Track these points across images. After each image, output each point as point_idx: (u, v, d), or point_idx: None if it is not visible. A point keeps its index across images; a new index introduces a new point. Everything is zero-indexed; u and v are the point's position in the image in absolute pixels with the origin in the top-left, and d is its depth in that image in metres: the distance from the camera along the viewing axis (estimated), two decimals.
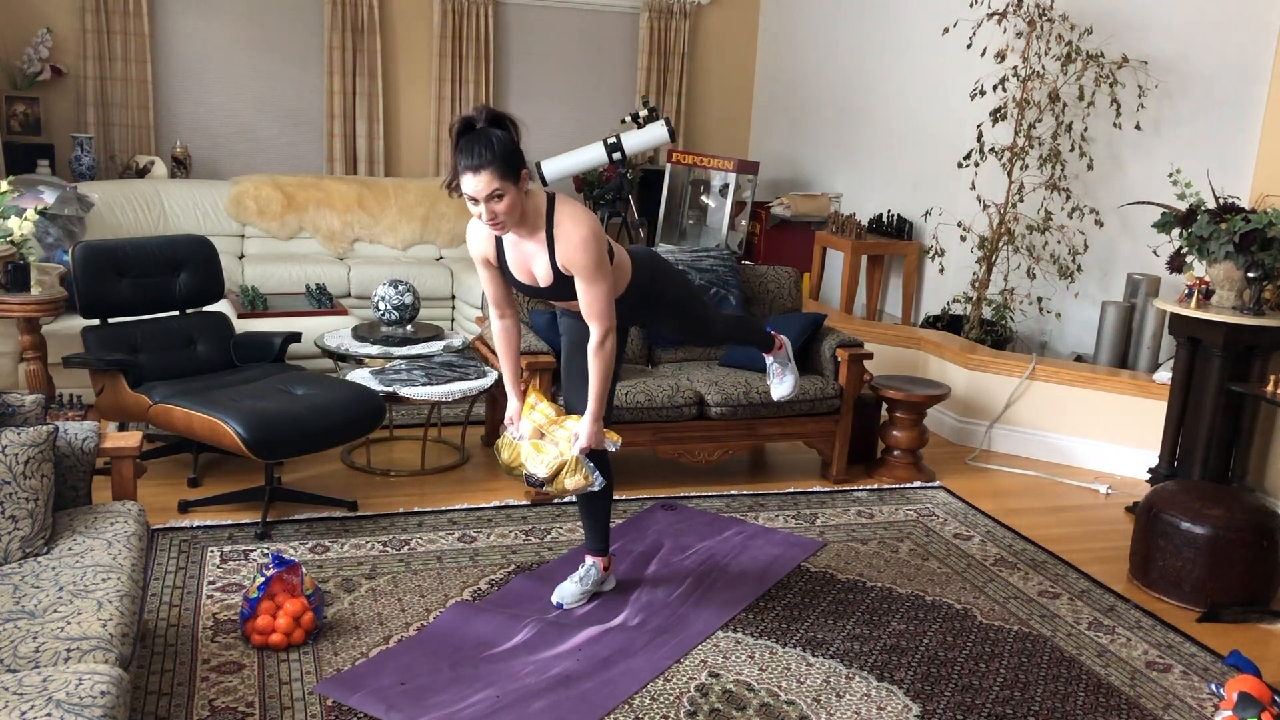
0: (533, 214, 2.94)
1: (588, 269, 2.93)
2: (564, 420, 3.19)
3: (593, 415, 3.11)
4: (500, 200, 2.82)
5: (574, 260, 2.92)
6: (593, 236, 2.92)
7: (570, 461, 3.11)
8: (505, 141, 2.81)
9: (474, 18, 7.47)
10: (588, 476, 3.12)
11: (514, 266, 3.07)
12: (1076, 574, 3.93)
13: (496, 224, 2.87)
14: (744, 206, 7.25)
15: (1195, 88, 5.49)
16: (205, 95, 7.09)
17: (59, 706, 1.95)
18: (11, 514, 2.63)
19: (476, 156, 2.77)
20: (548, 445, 3.16)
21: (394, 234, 6.80)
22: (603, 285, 2.96)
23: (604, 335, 3.01)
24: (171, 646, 3.07)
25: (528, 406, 3.25)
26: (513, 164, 2.81)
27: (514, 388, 3.29)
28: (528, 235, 2.97)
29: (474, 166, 2.78)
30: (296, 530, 3.90)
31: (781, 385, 3.75)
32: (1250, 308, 4.29)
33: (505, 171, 2.79)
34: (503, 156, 2.78)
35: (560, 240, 2.93)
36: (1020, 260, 5.97)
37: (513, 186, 2.82)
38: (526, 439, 3.21)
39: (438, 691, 2.89)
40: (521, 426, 3.24)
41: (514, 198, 2.84)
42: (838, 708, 2.95)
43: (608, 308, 2.99)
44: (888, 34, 6.94)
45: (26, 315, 4.16)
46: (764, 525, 4.19)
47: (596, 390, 3.08)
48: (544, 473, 3.13)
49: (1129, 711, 3.02)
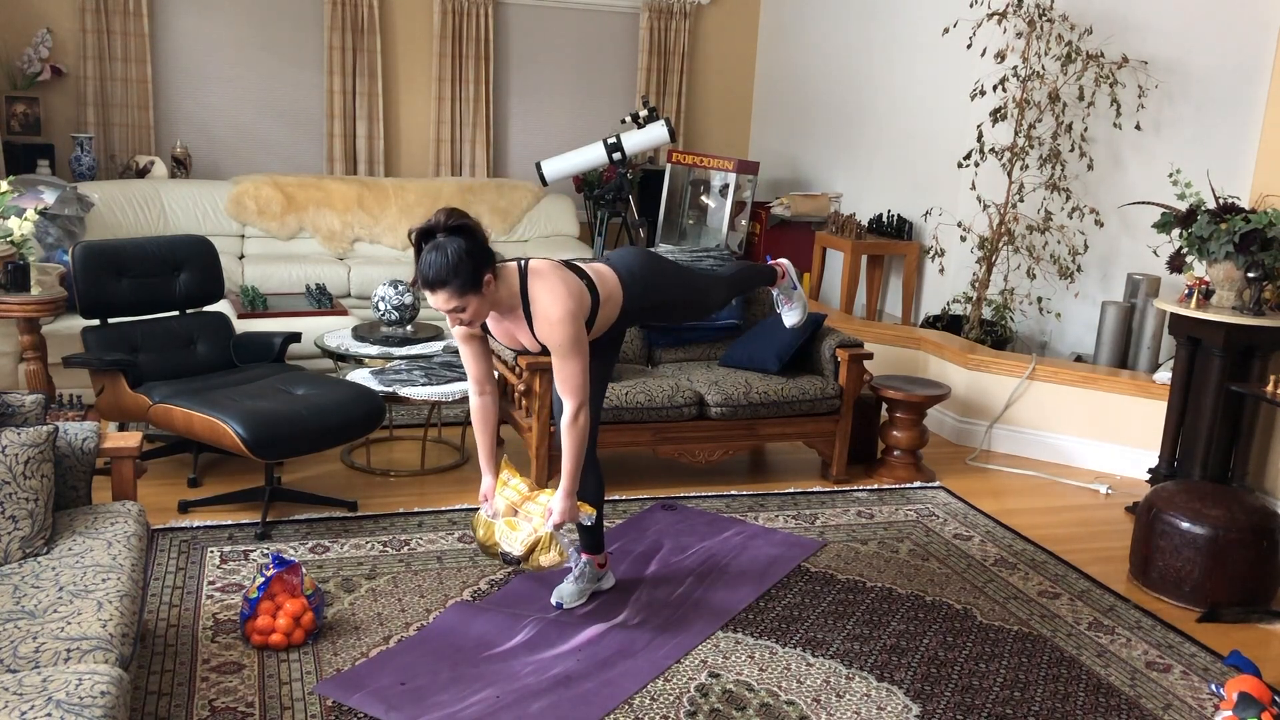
0: (507, 298, 2.93)
1: (561, 347, 2.93)
2: (537, 495, 3.17)
3: (565, 490, 3.07)
4: (463, 311, 2.84)
5: (548, 338, 2.94)
6: (567, 316, 2.90)
7: (544, 538, 3.08)
8: (463, 255, 2.77)
9: (474, 18, 7.47)
10: (562, 553, 3.09)
11: (500, 338, 3.09)
12: (1076, 574, 3.93)
13: (465, 325, 2.93)
14: (744, 206, 7.26)
15: (1195, 88, 5.49)
16: (205, 95, 7.09)
17: (59, 706, 1.95)
18: (11, 514, 2.63)
19: (434, 274, 2.76)
20: (521, 522, 3.13)
21: (394, 234, 6.80)
22: (577, 362, 2.94)
23: (576, 411, 2.99)
24: (171, 646, 3.07)
25: (500, 483, 3.22)
26: (472, 277, 2.79)
27: (488, 465, 3.26)
28: (507, 313, 2.98)
29: (430, 285, 2.79)
30: (296, 530, 3.90)
31: (791, 313, 3.77)
32: (1250, 308, 4.29)
33: (463, 287, 2.78)
34: (459, 273, 2.76)
35: (537, 318, 2.94)
36: (1020, 260, 5.97)
37: (474, 297, 2.82)
38: (500, 517, 3.18)
39: (438, 691, 2.89)
40: (495, 504, 3.20)
41: (477, 306, 2.84)
42: (838, 708, 2.95)
43: (581, 384, 2.97)
44: (888, 34, 6.94)
45: (26, 315, 4.16)
46: (764, 525, 4.19)
47: (569, 466, 3.05)
48: (518, 551, 3.09)
49: (1129, 711, 3.02)
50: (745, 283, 3.76)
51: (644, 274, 3.23)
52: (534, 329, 2.96)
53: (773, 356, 4.63)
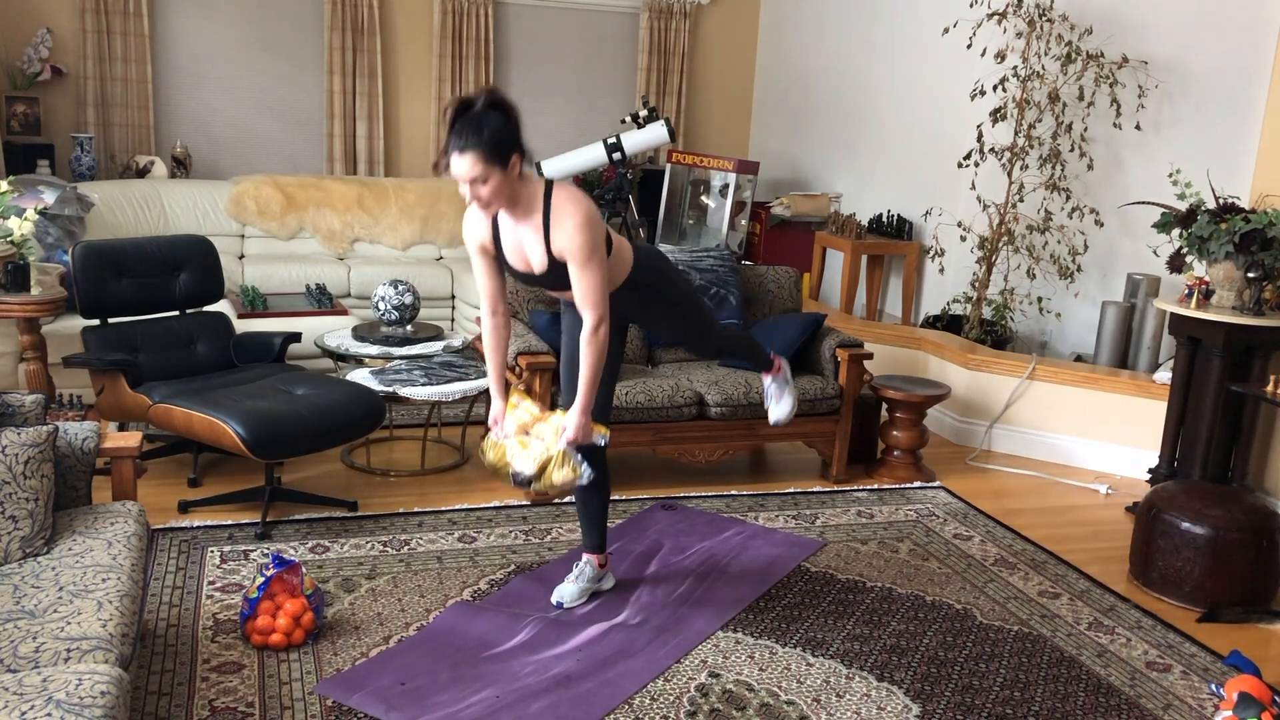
0: (528, 198, 2.92)
1: (581, 253, 2.90)
2: (548, 416, 3.13)
3: (581, 407, 3.05)
4: (484, 185, 2.81)
5: (568, 245, 2.90)
6: (588, 222, 2.89)
7: (556, 456, 3.04)
8: (497, 127, 2.78)
9: (474, 18, 7.47)
10: (575, 469, 3.05)
11: (510, 253, 3.05)
12: (1076, 574, 3.93)
13: (483, 206, 2.88)
14: (744, 206, 7.25)
15: (1195, 88, 5.49)
16: (205, 95, 7.09)
17: (59, 706, 1.95)
18: (11, 514, 2.63)
19: (463, 139, 2.77)
20: (533, 441, 3.09)
21: (394, 234, 6.80)
22: (596, 272, 2.93)
23: (596, 323, 2.97)
24: (171, 646, 3.07)
25: (510, 405, 3.20)
26: (501, 150, 2.79)
27: (498, 387, 3.24)
28: (523, 218, 2.95)
29: (459, 148, 2.77)
30: (296, 530, 3.90)
31: (779, 407, 3.70)
32: (1250, 308, 4.29)
33: (491, 157, 2.77)
34: (490, 142, 2.76)
35: (556, 225, 2.90)
36: (1020, 260, 5.97)
37: (498, 172, 2.80)
38: (511, 437, 3.14)
39: (438, 691, 2.89)
40: (506, 425, 3.18)
41: (499, 182, 2.82)
42: (838, 708, 2.95)
43: (601, 296, 2.96)
44: (888, 34, 6.94)
45: (26, 315, 4.16)
46: (764, 525, 4.19)
47: (587, 381, 3.03)
48: (530, 469, 3.05)
49: (1129, 711, 3.02)
50: (744, 348, 3.70)
51: (657, 260, 3.25)
52: (550, 239, 2.92)
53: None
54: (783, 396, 3.70)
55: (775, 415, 3.72)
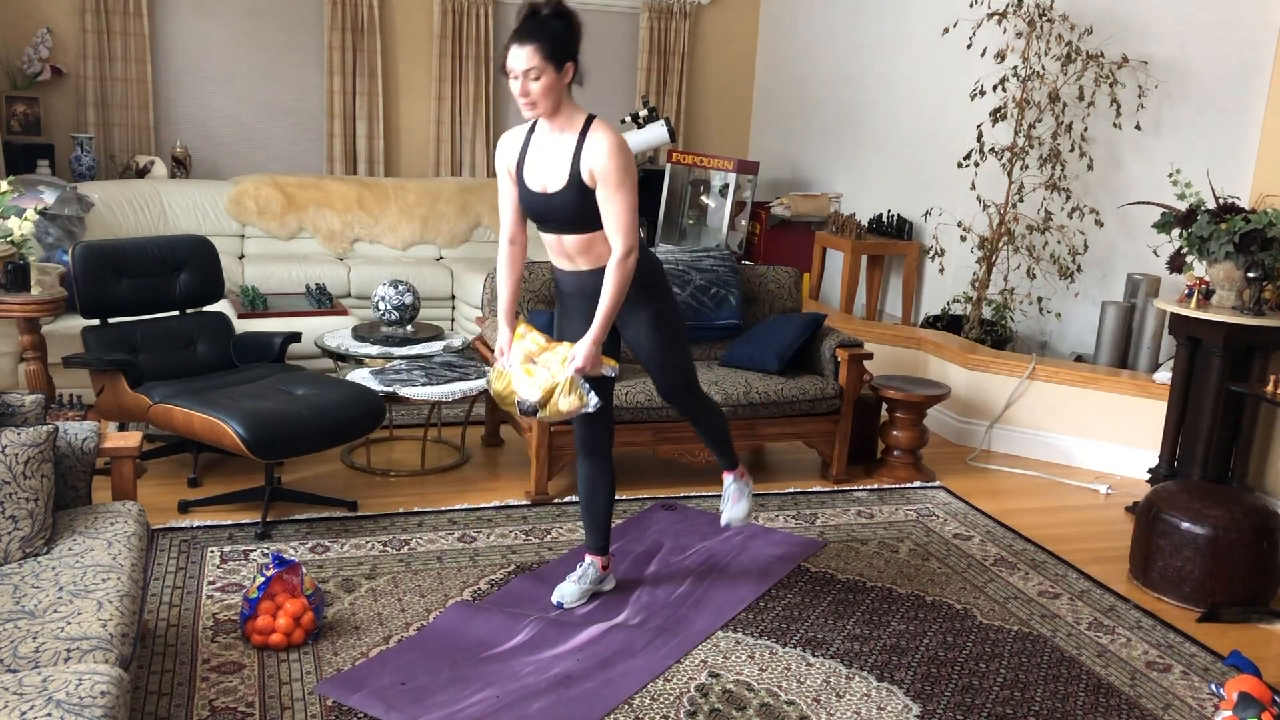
0: (569, 112, 3.02)
1: (615, 174, 2.96)
2: (555, 347, 3.09)
3: (593, 336, 3.03)
4: (537, 80, 2.91)
5: (602, 165, 2.95)
6: (622, 146, 2.98)
7: (564, 383, 3.00)
8: (559, 30, 2.92)
9: (474, 18, 7.47)
10: (582, 397, 3.00)
11: (531, 173, 3.08)
12: (1076, 574, 3.93)
13: (530, 102, 2.95)
14: (744, 206, 7.25)
15: (1195, 88, 5.49)
16: (205, 95, 7.09)
17: (59, 706, 1.95)
18: (11, 514, 2.63)
19: (525, 33, 2.89)
20: (539, 370, 3.06)
21: (394, 234, 6.80)
22: (629, 199, 2.99)
23: (626, 251, 3.01)
24: (171, 646, 3.07)
25: (517, 336, 3.17)
26: (559, 51, 2.91)
27: (507, 317, 3.23)
28: (559, 130, 3.03)
29: (520, 40, 2.89)
30: (296, 530, 3.90)
31: (734, 509, 3.54)
32: (1250, 308, 4.29)
33: (549, 53, 2.89)
34: (551, 39, 2.89)
35: (590, 145, 2.98)
36: (1020, 260, 5.97)
37: (553, 70, 2.91)
38: (517, 366, 3.10)
39: (438, 691, 2.89)
40: (512, 355, 3.15)
41: (551, 81, 2.92)
42: (838, 708, 2.95)
43: (632, 224, 3.00)
44: (888, 34, 6.94)
45: (26, 315, 4.16)
46: (764, 525, 4.19)
47: (605, 310, 3.02)
48: (536, 396, 3.01)
49: (1129, 711, 3.02)
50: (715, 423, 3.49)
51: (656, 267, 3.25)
52: (579, 159, 2.98)
53: (773, 356, 4.63)
54: (740, 500, 3.55)
55: (728, 517, 3.55)
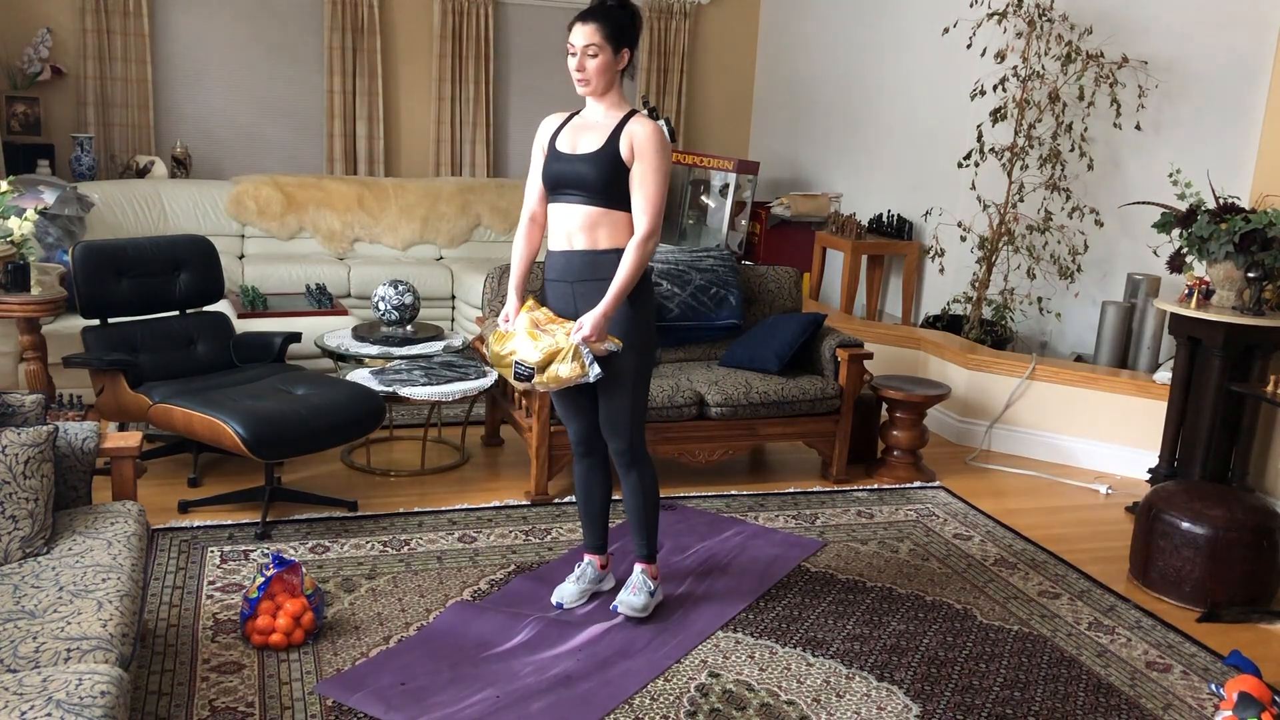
0: (616, 99, 3.11)
1: (654, 153, 3.02)
2: (564, 321, 3.07)
3: (604, 308, 3.01)
4: (594, 58, 3.02)
5: (643, 141, 3.03)
6: (659, 131, 3.05)
7: (567, 349, 2.96)
8: (622, 18, 3.05)
9: (474, 18, 7.47)
10: (584, 366, 2.95)
11: (564, 140, 3.14)
12: (1076, 574, 3.93)
13: (583, 78, 3.06)
14: (744, 206, 7.25)
15: (1195, 88, 5.49)
16: (205, 95, 7.09)
17: (59, 706, 1.95)
18: (11, 514, 2.63)
19: (590, 13, 3.04)
20: (543, 335, 3.03)
21: (394, 234, 6.81)
22: (661, 183, 3.04)
23: (649, 233, 3.04)
24: (171, 646, 3.07)
25: (526, 308, 3.15)
26: (619, 34, 3.03)
27: (517, 288, 3.23)
28: (604, 109, 3.11)
29: (584, 17, 3.04)
30: (296, 530, 3.90)
31: (632, 598, 3.32)
32: (1250, 308, 4.29)
33: (609, 34, 3.02)
34: (614, 22, 3.03)
35: (633, 123, 3.05)
36: (1020, 260, 5.97)
37: (610, 51, 3.03)
38: (523, 330, 3.06)
39: (438, 691, 2.89)
40: (517, 322, 3.13)
41: (606, 61, 3.03)
42: (838, 708, 2.95)
43: (660, 207, 3.05)
44: (888, 34, 6.94)
45: (26, 315, 4.16)
46: (764, 525, 4.19)
47: (618, 286, 3.02)
48: (535, 358, 2.97)
49: (1129, 711, 3.02)
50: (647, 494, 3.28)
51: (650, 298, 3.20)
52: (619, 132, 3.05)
53: (773, 356, 4.63)
54: (639, 592, 3.34)
55: (621, 601, 3.34)
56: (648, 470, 3.29)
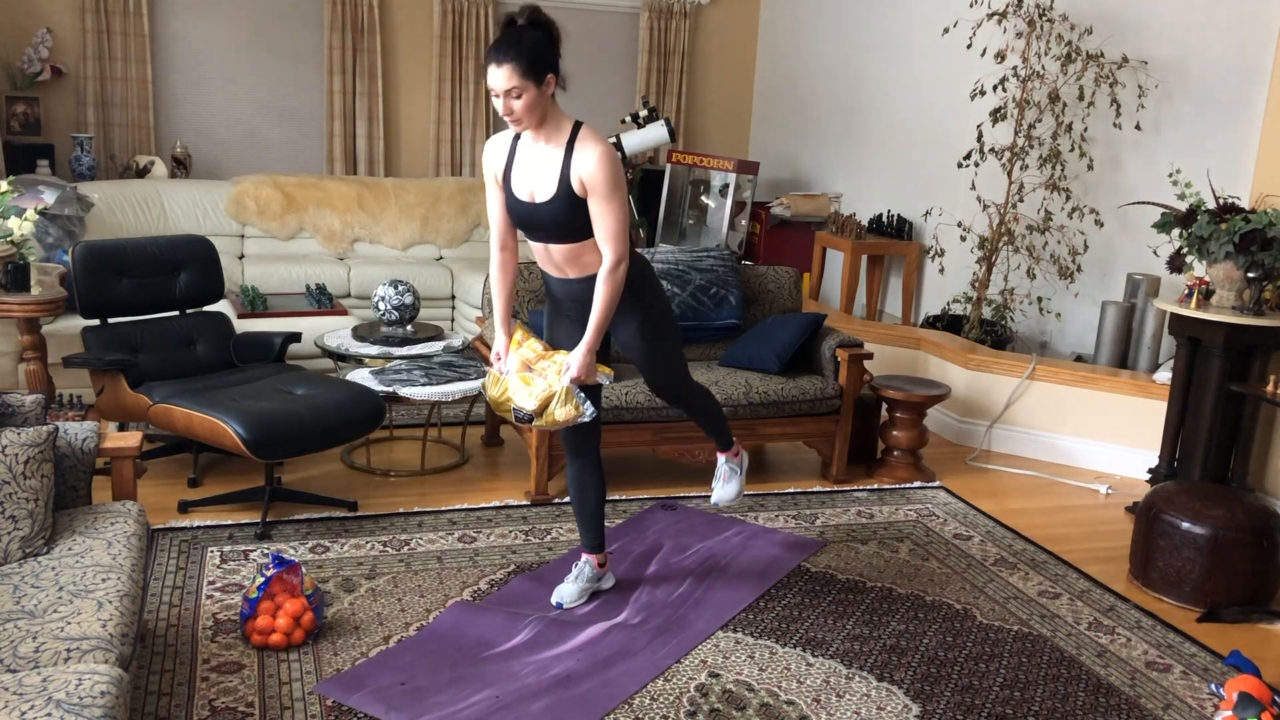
0: (555, 122, 2.99)
1: (605, 184, 2.93)
2: (552, 355, 3.13)
3: (587, 345, 3.07)
4: (518, 98, 2.89)
5: (592, 175, 2.93)
6: (611, 154, 2.95)
7: (560, 392, 3.05)
8: (537, 43, 2.87)
9: (474, 18, 7.47)
10: (578, 407, 3.05)
11: (518, 181, 3.06)
12: (1076, 574, 3.94)
13: (514, 119, 2.94)
14: (744, 206, 7.25)
15: (1195, 88, 5.49)
16: (205, 95, 7.09)
17: (59, 706, 1.95)
18: (11, 514, 2.63)
19: (502, 52, 2.86)
20: (535, 378, 3.10)
21: (394, 234, 6.81)
22: (619, 208, 2.96)
23: (617, 261, 3.00)
24: (171, 646, 3.07)
25: (514, 343, 3.20)
26: (538, 66, 2.87)
27: (503, 324, 3.25)
28: (546, 141, 3.00)
29: (498, 60, 2.86)
30: (296, 530, 3.90)
31: (725, 489, 3.61)
32: (1250, 308, 4.29)
33: (528, 71, 2.86)
34: (529, 56, 2.85)
35: (579, 156, 2.95)
36: (1020, 260, 5.97)
37: (533, 87, 2.88)
38: (514, 373, 3.14)
39: (438, 691, 2.89)
40: (508, 362, 3.18)
41: (533, 97, 2.89)
42: (838, 708, 2.95)
43: (623, 233, 2.98)
44: (888, 34, 6.94)
45: (26, 315, 4.16)
46: (764, 525, 4.19)
47: (597, 320, 3.04)
48: (532, 405, 3.06)
49: (1129, 711, 3.02)
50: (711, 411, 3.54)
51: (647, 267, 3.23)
52: (569, 169, 2.95)
53: (773, 356, 4.63)
54: (730, 480, 3.61)
55: (718, 496, 3.61)
56: (702, 393, 3.50)
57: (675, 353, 3.35)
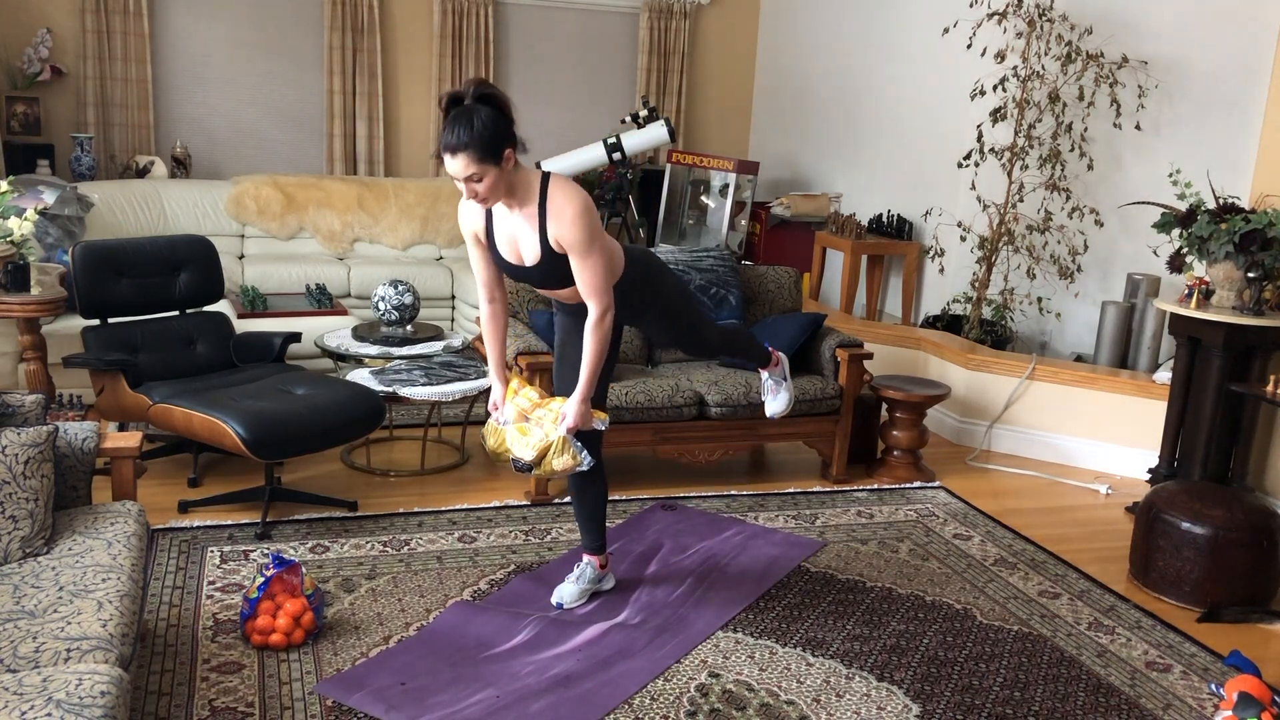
0: (523, 188, 2.92)
1: (582, 243, 2.90)
2: (548, 403, 3.16)
3: (581, 395, 3.08)
4: (479, 181, 2.82)
5: (567, 236, 2.90)
6: (585, 211, 2.90)
7: (556, 442, 3.07)
8: (488, 122, 2.77)
9: (474, 18, 7.48)
10: (575, 456, 3.08)
11: (502, 244, 3.05)
12: (1076, 574, 3.93)
13: (480, 199, 2.88)
14: (744, 206, 7.26)
15: (1195, 88, 5.49)
16: (205, 95, 7.09)
17: (59, 706, 1.95)
18: (11, 514, 2.63)
19: (455, 137, 2.76)
20: (532, 428, 3.12)
21: (394, 234, 6.81)
22: (599, 262, 2.94)
23: (602, 312, 2.99)
24: (171, 646, 3.07)
25: (510, 392, 3.22)
26: (493, 146, 2.78)
27: (498, 373, 3.26)
28: (518, 208, 2.96)
29: (452, 148, 2.77)
30: (296, 530, 3.90)
31: (775, 401, 3.71)
32: (1250, 308, 4.29)
33: (484, 155, 2.77)
34: (482, 138, 2.76)
35: (553, 215, 2.90)
36: (1020, 260, 5.97)
37: (492, 168, 2.80)
38: (511, 423, 3.17)
39: (438, 691, 2.89)
40: (505, 411, 3.20)
41: (494, 178, 2.83)
42: (838, 708, 2.95)
43: (605, 285, 2.97)
44: (888, 34, 6.94)
45: (26, 315, 4.16)
46: (764, 525, 4.19)
47: (589, 369, 3.06)
48: (530, 456, 3.09)
49: (1129, 711, 3.02)
50: (741, 344, 3.66)
51: (647, 262, 3.24)
52: (546, 229, 2.92)
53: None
54: (779, 391, 3.71)
55: (771, 409, 3.72)
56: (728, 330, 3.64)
57: (699, 321, 3.42)
